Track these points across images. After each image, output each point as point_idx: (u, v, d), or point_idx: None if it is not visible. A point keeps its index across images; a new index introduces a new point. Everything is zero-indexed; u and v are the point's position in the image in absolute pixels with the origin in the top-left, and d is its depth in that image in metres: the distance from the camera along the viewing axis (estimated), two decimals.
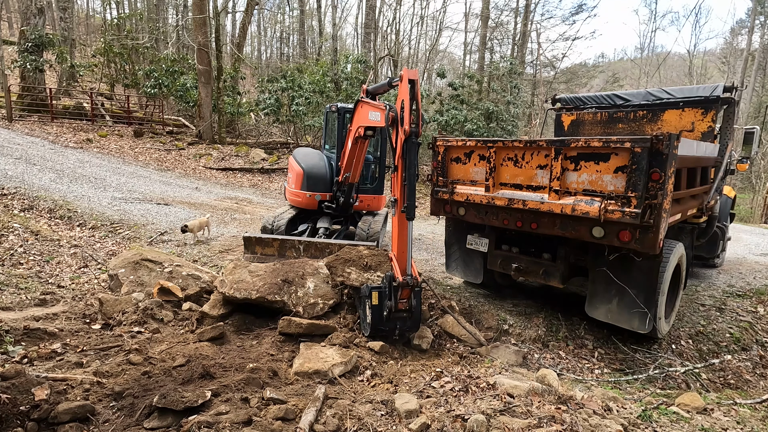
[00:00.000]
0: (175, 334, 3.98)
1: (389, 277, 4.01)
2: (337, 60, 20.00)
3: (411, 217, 4.02)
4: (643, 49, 38.47)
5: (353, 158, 6.46)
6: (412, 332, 4.34)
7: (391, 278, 3.99)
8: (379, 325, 4.04)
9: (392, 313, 3.97)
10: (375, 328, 4.07)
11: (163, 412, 2.63)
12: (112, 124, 18.48)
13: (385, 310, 3.97)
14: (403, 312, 4.03)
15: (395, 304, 3.96)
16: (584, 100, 7.49)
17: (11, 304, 4.44)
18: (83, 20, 32.32)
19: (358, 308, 4.46)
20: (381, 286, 4.07)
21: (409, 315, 4.07)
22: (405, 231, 4.13)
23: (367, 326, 4.17)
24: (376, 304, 4.00)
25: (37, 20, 16.62)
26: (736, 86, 6.18)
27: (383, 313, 3.99)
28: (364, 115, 5.48)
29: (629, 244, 4.08)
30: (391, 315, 3.98)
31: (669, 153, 3.76)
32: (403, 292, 3.97)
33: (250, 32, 31.89)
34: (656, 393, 4.19)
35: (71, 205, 8.49)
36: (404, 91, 4.14)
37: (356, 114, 5.94)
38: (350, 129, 6.59)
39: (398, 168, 4.17)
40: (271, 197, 13.57)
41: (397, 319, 4.04)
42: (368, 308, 4.10)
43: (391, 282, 3.98)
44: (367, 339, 4.11)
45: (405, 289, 3.97)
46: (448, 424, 2.57)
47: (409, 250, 4.09)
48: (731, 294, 6.75)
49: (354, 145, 6.21)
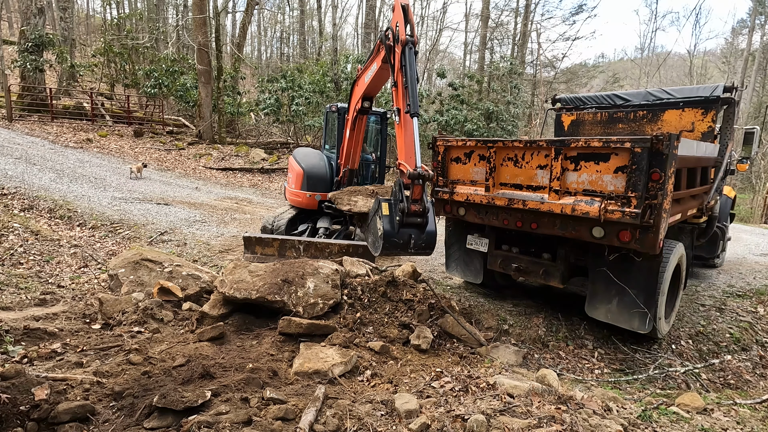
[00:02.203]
0: (175, 334, 3.98)
1: (399, 182, 3.85)
2: (337, 60, 20.00)
3: (415, 113, 3.96)
4: (644, 49, 38.48)
5: (353, 142, 6.47)
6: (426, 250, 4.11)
7: (400, 183, 3.83)
8: (393, 236, 3.82)
9: (405, 216, 3.77)
10: (388, 240, 3.84)
11: (163, 412, 2.63)
12: (112, 124, 18.48)
13: (398, 215, 3.78)
14: (417, 216, 3.83)
15: (408, 206, 3.79)
16: (584, 100, 7.49)
17: (11, 304, 4.44)
18: (83, 20, 32.32)
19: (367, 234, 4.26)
20: (390, 199, 3.91)
21: (424, 221, 3.85)
22: (411, 130, 4.02)
23: (379, 241, 3.92)
24: (387, 213, 3.81)
25: (37, 20, 16.63)
26: (736, 86, 6.18)
27: (396, 219, 3.78)
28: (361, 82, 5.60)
29: (629, 244, 4.08)
30: (404, 220, 3.78)
31: (669, 153, 3.76)
32: (415, 190, 3.80)
33: (250, 32, 31.90)
34: (656, 393, 4.19)
35: (71, 205, 8.49)
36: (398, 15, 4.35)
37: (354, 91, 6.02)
38: (347, 118, 6.65)
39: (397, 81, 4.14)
40: (271, 197, 13.57)
41: (410, 225, 3.83)
42: (379, 221, 3.88)
43: (401, 186, 3.82)
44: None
45: (417, 186, 3.80)
46: (448, 424, 2.56)
47: (416, 148, 3.96)
48: (731, 294, 6.75)
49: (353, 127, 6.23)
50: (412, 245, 3.93)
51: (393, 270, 5.35)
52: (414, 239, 3.92)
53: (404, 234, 3.86)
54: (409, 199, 3.81)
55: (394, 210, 3.82)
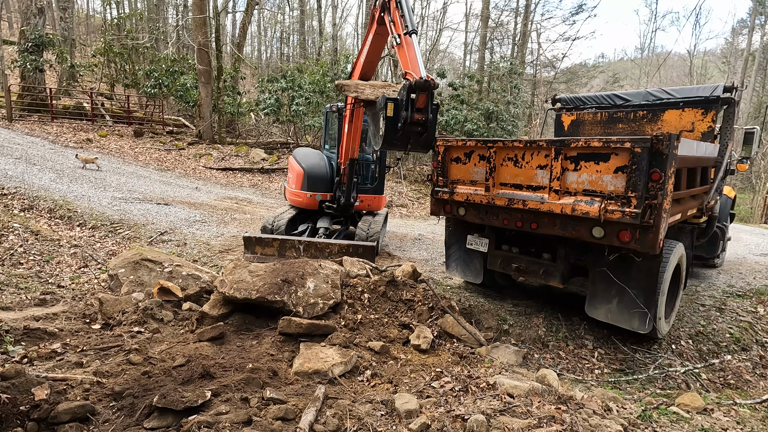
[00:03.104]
0: (175, 334, 3.98)
1: (406, 86, 3.91)
2: (337, 60, 20.00)
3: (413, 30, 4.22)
4: (644, 50, 38.48)
5: (352, 131, 6.57)
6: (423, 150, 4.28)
7: (408, 88, 3.89)
8: (392, 137, 3.95)
9: (407, 125, 3.88)
10: (387, 141, 3.98)
11: (163, 412, 2.63)
12: (112, 124, 18.48)
13: (400, 121, 3.87)
14: (418, 126, 3.94)
15: (411, 114, 3.88)
16: (584, 100, 7.49)
17: (11, 304, 4.44)
18: (83, 20, 32.33)
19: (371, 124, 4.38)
20: (397, 98, 3.97)
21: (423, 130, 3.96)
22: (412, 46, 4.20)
23: (380, 138, 4.05)
24: (391, 115, 3.89)
25: (37, 20, 16.62)
26: (736, 86, 6.18)
27: (398, 124, 3.89)
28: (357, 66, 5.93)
29: (629, 244, 4.08)
30: (406, 127, 3.89)
31: (669, 153, 3.76)
32: (420, 98, 3.87)
33: (250, 32, 31.91)
34: (656, 393, 4.19)
35: (71, 205, 8.48)
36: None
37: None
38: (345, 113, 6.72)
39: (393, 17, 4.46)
40: (271, 197, 13.57)
41: (411, 133, 3.95)
42: (382, 121, 3.99)
43: (408, 92, 3.88)
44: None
45: (421, 94, 3.86)
46: (448, 424, 2.56)
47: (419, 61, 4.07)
48: (731, 294, 6.75)
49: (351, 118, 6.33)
50: (410, 146, 4.10)
51: (393, 270, 5.35)
52: (412, 143, 4.08)
53: (404, 138, 4.01)
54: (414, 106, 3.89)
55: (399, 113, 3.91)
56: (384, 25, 5.38)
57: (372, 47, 5.85)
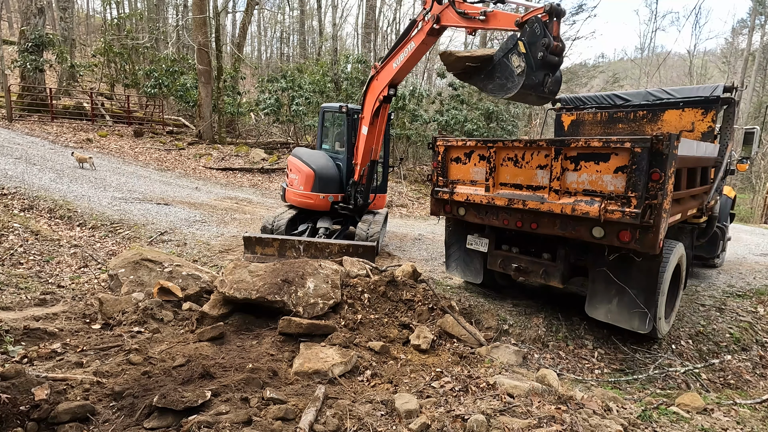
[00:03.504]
0: (175, 334, 3.98)
1: (537, 19, 3.84)
2: (337, 60, 20.00)
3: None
4: (643, 49, 38.44)
5: (374, 133, 6.57)
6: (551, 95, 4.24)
7: (540, 19, 3.82)
8: (532, 74, 3.86)
9: (548, 52, 3.79)
10: (529, 77, 3.88)
11: (163, 412, 2.63)
12: (112, 124, 18.48)
13: (540, 51, 3.80)
14: (556, 55, 3.87)
15: (551, 41, 3.79)
16: (584, 100, 7.49)
17: (11, 304, 4.44)
18: (83, 20, 32.34)
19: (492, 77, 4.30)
20: (523, 38, 3.91)
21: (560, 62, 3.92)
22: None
23: (517, 80, 3.96)
24: (525, 51, 3.82)
25: (37, 20, 16.62)
26: (736, 86, 6.18)
27: (538, 56, 3.81)
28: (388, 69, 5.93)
29: (629, 244, 4.08)
30: (546, 56, 3.81)
31: (669, 153, 3.76)
32: (554, 27, 3.81)
33: (250, 32, 31.91)
34: (656, 393, 4.19)
35: (71, 205, 8.48)
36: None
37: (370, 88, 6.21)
38: (362, 116, 6.70)
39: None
40: (271, 197, 13.57)
41: (548, 65, 3.88)
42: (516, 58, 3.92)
43: (542, 22, 3.81)
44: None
45: (555, 23, 3.81)
46: (448, 424, 2.56)
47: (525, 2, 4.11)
48: (731, 294, 6.75)
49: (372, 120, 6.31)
50: (546, 86, 4.02)
51: (393, 270, 5.35)
52: (549, 79, 4.01)
53: (540, 74, 3.94)
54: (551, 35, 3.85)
55: (537, 43, 3.84)
56: (434, 36, 5.33)
57: (414, 54, 5.84)
